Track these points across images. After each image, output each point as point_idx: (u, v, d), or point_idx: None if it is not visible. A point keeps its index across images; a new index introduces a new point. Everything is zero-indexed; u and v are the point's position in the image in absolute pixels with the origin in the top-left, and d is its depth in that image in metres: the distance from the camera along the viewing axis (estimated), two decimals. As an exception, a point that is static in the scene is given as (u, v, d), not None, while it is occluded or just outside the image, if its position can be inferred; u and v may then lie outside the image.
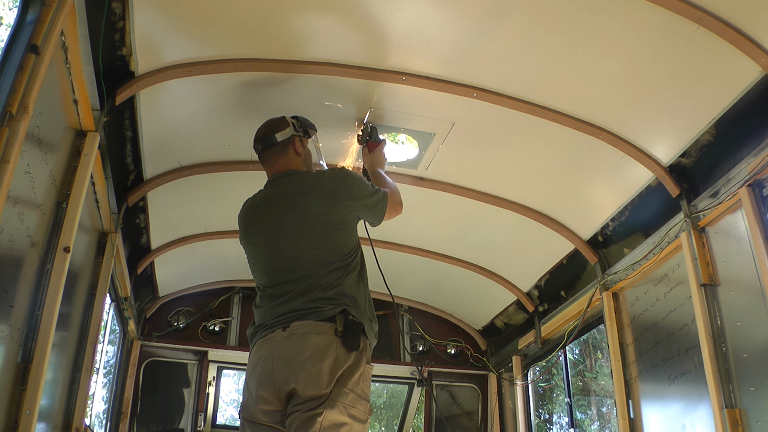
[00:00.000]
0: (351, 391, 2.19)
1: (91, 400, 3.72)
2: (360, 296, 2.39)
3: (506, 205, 3.93)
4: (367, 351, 2.32)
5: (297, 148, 2.69)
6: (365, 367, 2.28)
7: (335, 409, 2.14)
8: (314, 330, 2.24)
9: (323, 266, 2.38)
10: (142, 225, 4.03)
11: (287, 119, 2.74)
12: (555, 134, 3.24)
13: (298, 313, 2.30)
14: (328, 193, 2.48)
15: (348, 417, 2.15)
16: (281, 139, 2.66)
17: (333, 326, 2.24)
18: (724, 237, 3.00)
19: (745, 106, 2.75)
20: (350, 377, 2.20)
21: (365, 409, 2.23)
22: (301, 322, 2.27)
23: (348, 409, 2.16)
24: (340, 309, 2.28)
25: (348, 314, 2.28)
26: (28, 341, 2.23)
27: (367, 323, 2.35)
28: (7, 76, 1.82)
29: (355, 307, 2.33)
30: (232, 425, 5.48)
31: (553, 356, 4.66)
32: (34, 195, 2.16)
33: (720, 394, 2.82)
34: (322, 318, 2.26)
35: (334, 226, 2.44)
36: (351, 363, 2.22)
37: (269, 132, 2.69)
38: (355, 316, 2.29)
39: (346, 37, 2.79)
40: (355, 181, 2.56)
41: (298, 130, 2.71)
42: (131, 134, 3.16)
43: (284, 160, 2.67)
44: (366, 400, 2.25)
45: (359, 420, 2.19)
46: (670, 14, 2.48)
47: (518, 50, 2.81)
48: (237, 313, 5.30)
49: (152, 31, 2.64)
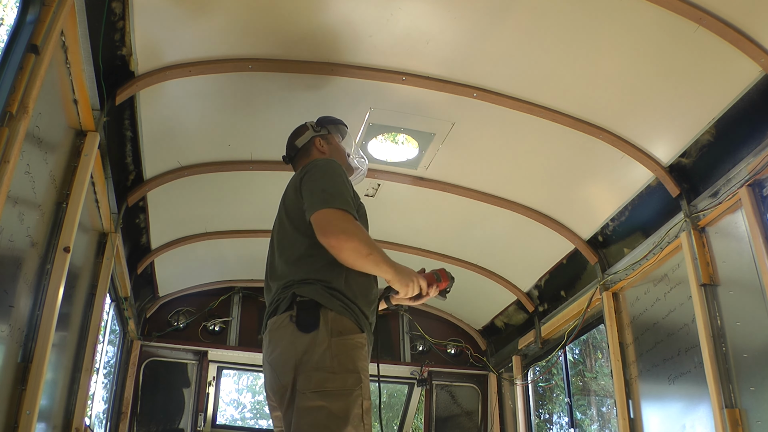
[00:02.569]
0: (315, 372, 2.04)
1: (91, 400, 3.72)
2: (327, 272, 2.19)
3: (506, 205, 3.93)
4: (330, 324, 2.11)
5: (319, 148, 2.64)
6: (331, 340, 2.08)
7: (303, 397, 2.02)
8: (275, 324, 2.19)
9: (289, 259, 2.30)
10: (142, 225, 4.03)
11: (307, 124, 2.72)
12: (555, 134, 3.24)
13: (268, 312, 2.29)
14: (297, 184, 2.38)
15: (320, 400, 2.01)
16: (302, 144, 2.66)
17: (289, 314, 2.15)
18: (724, 237, 3.00)
19: (745, 106, 2.75)
20: (311, 359, 2.06)
21: (344, 383, 2.04)
22: (271, 319, 2.23)
23: (318, 392, 2.02)
24: (290, 294, 2.18)
25: (296, 296, 2.16)
26: (28, 341, 2.23)
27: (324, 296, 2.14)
28: (7, 76, 1.82)
29: (306, 285, 2.17)
30: (232, 425, 5.49)
31: (553, 356, 4.66)
32: (34, 195, 2.16)
33: (720, 394, 2.82)
34: (283, 310, 2.18)
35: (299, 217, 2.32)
36: (309, 343, 2.08)
37: (291, 141, 2.70)
38: (303, 295, 2.14)
39: (347, 37, 2.79)
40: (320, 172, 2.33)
41: (318, 129, 2.68)
42: (131, 134, 3.16)
43: (305, 161, 2.61)
44: (345, 372, 2.05)
45: (338, 396, 2.03)
46: (670, 14, 2.48)
47: (518, 50, 2.81)
48: (237, 313, 5.31)
49: (152, 31, 2.64)
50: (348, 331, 2.13)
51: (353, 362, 2.09)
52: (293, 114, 3.19)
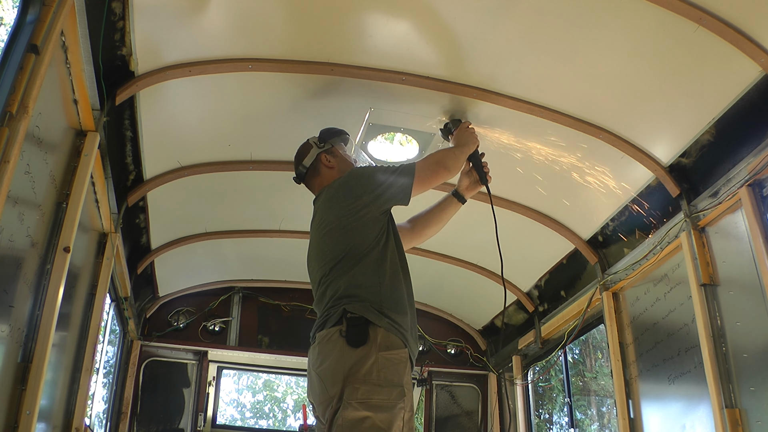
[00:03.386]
0: (363, 384, 2.16)
1: (91, 400, 3.72)
2: (368, 287, 2.36)
3: (506, 205, 3.92)
4: (378, 340, 2.26)
5: (327, 163, 2.73)
6: (377, 355, 2.21)
7: (349, 408, 2.13)
8: (325, 337, 2.31)
9: (332, 273, 2.43)
10: (142, 225, 4.03)
11: (310, 141, 2.80)
12: (555, 134, 3.24)
13: (318, 325, 2.41)
14: (332, 201, 2.54)
15: (366, 410, 2.12)
16: (309, 163, 2.74)
17: (339, 328, 2.28)
18: (724, 237, 3.00)
19: (745, 106, 2.75)
20: (359, 371, 2.18)
21: (389, 396, 2.17)
22: (320, 332, 2.36)
23: (364, 403, 2.14)
24: (341, 310, 2.31)
25: (346, 312, 2.29)
26: (28, 341, 2.23)
27: (373, 314, 2.29)
28: (7, 76, 1.82)
29: (356, 302, 2.31)
30: (232, 425, 5.49)
31: (553, 356, 4.66)
32: (34, 195, 2.16)
33: (720, 394, 2.82)
34: (332, 324, 2.31)
35: (340, 230, 2.47)
36: (358, 358, 2.20)
37: (298, 162, 2.79)
38: (354, 312, 2.28)
39: (346, 38, 2.79)
40: (357, 178, 2.57)
41: (321, 145, 2.76)
42: (131, 134, 3.16)
43: (318, 180, 2.73)
44: (389, 386, 2.19)
45: (382, 409, 2.14)
46: (670, 14, 2.48)
47: (518, 50, 2.81)
48: (237, 313, 5.31)
49: (152, 30, 2.63)
50: (394, 347, 2.27)
51: (398, 376, 2.23)
52: (293, 114, 3.19)
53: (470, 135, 2.95)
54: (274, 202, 4.07)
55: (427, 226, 2.89)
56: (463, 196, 2.98)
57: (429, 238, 2.95)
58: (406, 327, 2.37)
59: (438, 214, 2.94)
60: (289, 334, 5.29)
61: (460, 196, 2.98)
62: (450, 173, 2.73)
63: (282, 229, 4.39)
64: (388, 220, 2.56)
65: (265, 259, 4.99)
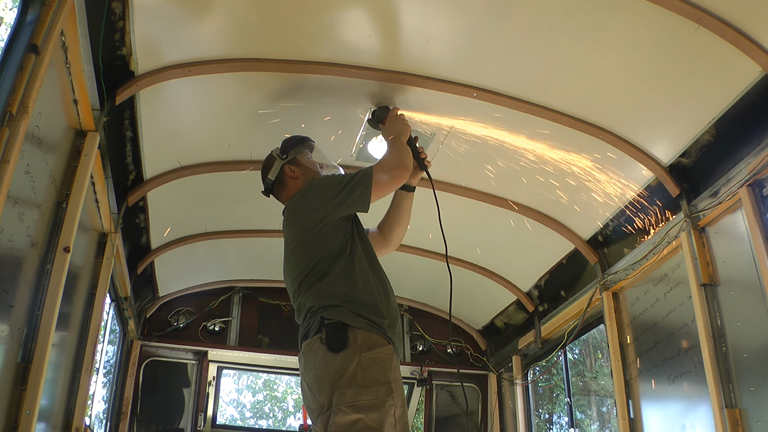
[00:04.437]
0: (349, 387, 2.17)
1: (91, 400, 3.72)
2: (341, 296, 2.35)
3: (506, 205, 3.92)
4: (359, 342, 2.25)
5: (291, 174, 2.72)
6: (360, 356, 2.22)
7: (339, 413, 2.15)
8: (308, 347, 2.34)
9: (303, 286, 2.44)
10: (142, 225, 4.03)
11: (273, 153, 2.77)
12: (555, 134, 3.24)
13: (301, 335, 2.44)
14: (293, 217, 2.56)
15: (356, 413, 2.14)
16: (274, 175, 2.73)
17: (319, 336, 2.30)
18: (724, 237, 3.00)
19: (745, 105, 2.75)
20: (343, 375, 2.19)
21: (377, 395, 2.18)
22: (304, 342, 2.39)
23: (353, 406, 2.15)
24: (318, 318, 2.33)
25: (324, 320, 2.30)
26: (28, 341, 2.23)
27: (350, 316, 2.29)
28: (7, 76, 1.82)
29: (332, 309, 2.32)
30: (232, 425, 5.50)
31: (553, 356, 4.66)
32: (34, 195, 2.16)
33: (720, 394, 2.82)
34: (313, 334, 2.33)
35: (304, 243, 2.48)
36: (341, 362, 2.22)
37: (264, 176, 2.77)
38: (330, 318, 2.30)
39: (346, 38, 2.79)
40: (313, 191, 2.53)
41: (284, 156, 2.74)
42: (131, 134, 3.16)
43: (285, 192, 2.73)
44: (376, 385, 2.19)
45: (372, 408, 2.15)
46: (670, 14, 2.48)
47: (518, 50, 2.81)
48: (237, 313, 5.31)
49: (152, 30, 2.64)
50: (376, 345, 2.28)
51: (384, 374, 2.23)
52: (293, 114, 3.19)
53: (402, 123, 2.82)
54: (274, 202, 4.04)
55: (393, 228, 2.83)
56: (409, 185, 2.84)
57: (401, 239, 2.89)
58: (385, 325, 2.36)
59: (396, 212, 2.85)
60: (289, 334, 5.29)
61: (406, 185, 2.82)
62: (409, 170, 2.62)
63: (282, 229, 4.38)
64: (352, 224, 2.54)
65: (265, 259, 4.99)
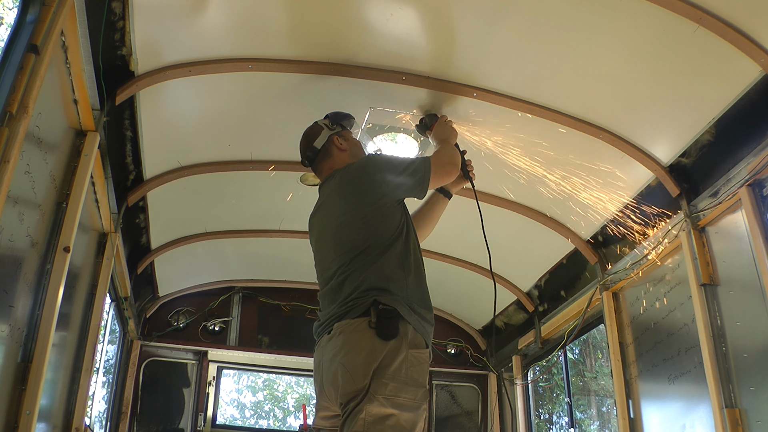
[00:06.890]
0: (392, 380, 2.10)
1: (91, 400, 3.72)
2: (396, 281, 2.30)
3: (506, 205, 3.93)
4: (409, 336, 2.19)
5: (339, 145, 2.67)
6: (407, 352, 2.16)
7: (375, 402, 2.07)
8: (349, 328, 2.22)
9: (354, 263, 2.34)
10: (142, 225, 4.03)
11: (319, 123, 2.74)
12: (554, 134, 3.24)
13: (337, 315, 2.31)
14: (350, 189, 2.47)
15: (392, 408, 2.07)
16: (321, 144, 2.67)
17: (367, 320, 2.20)
18: (724, 237, 3.00)
19: (745, 105, 2.75)
20: (389, 366, 2.12)
21: (415, 396, 2.13)
22: (340, 323, 2.27)
23: (391, 400, 2.08)
24: (371, 300, 2.23)
25: (378, 303, 2.21)
26: (28, 341, 2.23)
27: (405, 308, 2.23)
28: (7, 76, 1.82)
29: (388, 295, 2.24)
30: (232, 425, 5.50)
31: (553, 356, 4.66)
32: (34, 195, 2.16)
33: (720, 394, 2.82)
34: (357, 315, 2.23)
35: (361, 218, 2.40)
36: (388, 352, 2.14)
37: (308, 143, 2.70)
38: (387, 304, 2.21)
39: (346, 37, 2.79)
40: (375, 165, 2.49)
41: (333, 127, 2.71)
42: (131, 134, 3.16)
43: (329, 163, 2.66)
44: (416, 386, 2.14)
45: (408, 408, 2.10)
46: (670, 14, 2.48)
47: (518, 50, 2.81)
48: (237, 313, 5.31)
49: (152, 30, 2.63)
50: (420, 346, 2.24)
51: (423, 377, 2.19)
52: (293, 114, 3.19)
53: (451, 129, 2.91)
54: (274, 202, 4.07)
55: (420, 227, 2.81)
56: (449, 191, 2.91)
57: (423, 240, 2.90)
58: (429, 328, 2.33)
59: (428, 213, 2.87)
60: (289, 334, 5.30)
61: (446, 191, 2.90)
62: (458, 169, 2.74)
63: (282, 229, 4.39)
64: (404, 212, 2.50)
65: (265, 259, 4.99)
